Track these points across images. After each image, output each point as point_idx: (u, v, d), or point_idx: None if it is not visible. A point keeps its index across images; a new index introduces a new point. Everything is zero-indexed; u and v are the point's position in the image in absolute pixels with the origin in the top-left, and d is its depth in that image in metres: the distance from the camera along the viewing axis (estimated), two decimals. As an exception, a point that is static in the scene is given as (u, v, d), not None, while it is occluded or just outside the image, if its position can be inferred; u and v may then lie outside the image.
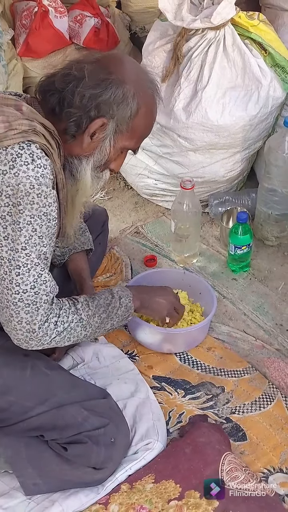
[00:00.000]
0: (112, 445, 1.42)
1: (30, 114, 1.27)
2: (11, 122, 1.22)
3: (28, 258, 1.25)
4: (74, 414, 1.40)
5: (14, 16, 2.71)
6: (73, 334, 1.37)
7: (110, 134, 1.34)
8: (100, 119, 1.31)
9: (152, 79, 1.41)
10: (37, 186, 1.21)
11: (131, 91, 1.31)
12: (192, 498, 1.36)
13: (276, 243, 2.20)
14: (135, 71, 1.37)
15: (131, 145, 1.41)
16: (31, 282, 1.26)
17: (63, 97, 1.29)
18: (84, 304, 1.41)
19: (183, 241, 2.10)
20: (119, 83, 1.30)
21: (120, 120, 1.33)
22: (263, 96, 2.04)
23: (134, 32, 2.89)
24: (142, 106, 1.34)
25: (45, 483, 1.42)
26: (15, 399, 1.37)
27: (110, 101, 1.30)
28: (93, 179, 1.39)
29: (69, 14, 2.63)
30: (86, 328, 1.40)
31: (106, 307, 1.46)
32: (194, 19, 1.97)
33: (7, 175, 1.20)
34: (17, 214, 1.21)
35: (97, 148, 1.35)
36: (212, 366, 1.76)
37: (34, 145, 1.22)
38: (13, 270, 1.24)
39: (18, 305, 1.27)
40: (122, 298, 1.52)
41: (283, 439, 1.55)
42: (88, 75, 1.28)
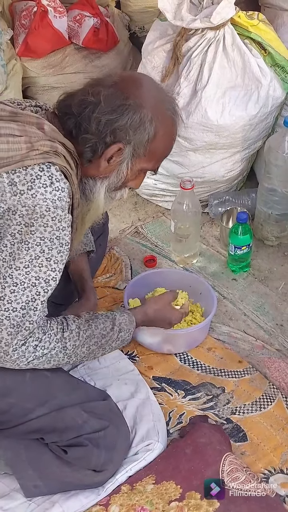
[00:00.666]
0: (112, 447, 1.41)
1: (52, 133, 1.26)
2: (33, 143, 1.21)
3: (27, 277, 1.23)
4: (74, 416, 1.39)
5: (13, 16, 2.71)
6: (53, 359, 1.33)
7: (127, 158, 1.33)
8: (116, 144, 1.30)
9: (171, 100, 1.39)
10: (53, 209, 1.21)
11: (148, 115, 1.30)
12: (193, 499, 1.36)
13: (276, 243, 2.20)
14: (153, 93, 1.35)
15: (149, 166, 1.40)
16: (23, 302, 1.24)
17: (80, 122, 1.29)
18: (74, 333, 1.35)
19: (183, 241, 2.09)
20: (136, 108, 1.29)
21: (138, 144, 1.32)
22: (263, 96, 2.04)
23: (134, 32, 2.89)
24: (160, 129, 1.33)
25: (46, 485, 1.42)
26: (15, 401, 1.37)
27: (126, 126, 1.29)
28: (106, 199, 1.39)
29: (68, 14, 2.62)
30: (71, 357, 1.36)
31: (100, 339, 1.41)
32: (193, 19, 1.97)
33: (24, 195, 1.19)
34: (27, 234, 1.21)
35: (114, 171, 1.35)
36: (213, 366, 1.75)
37: (54, 167, 1.22)
38: (7, 287, 1.23)
39: (3, 323, 1.24)
40: (122, 332, 1.47)
41: (284, 439, 1.55)
42: (104, 100, 1.28)
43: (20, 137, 1.22)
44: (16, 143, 1.21)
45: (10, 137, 1.22)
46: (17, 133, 1.23)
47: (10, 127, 1.24)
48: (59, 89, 2.60)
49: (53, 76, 2.61)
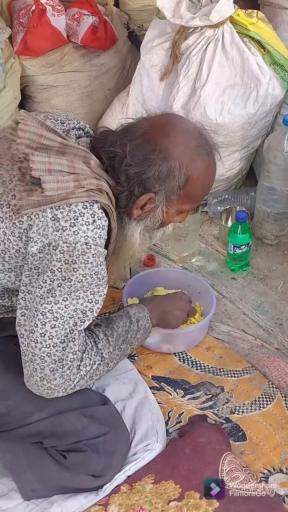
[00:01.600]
0: (112, 453, 1.41)
1: (98, 170, 1.28)
2: (80, 181, 1.22)
3: (66, 311, 1.25)
4: (73, 421, 1.39)
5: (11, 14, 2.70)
6: (95, 373, 1.37)
7: (160, 204, 1.35)
8: (146, 195, 1.31)
9: (203, 141, 1.36)
10: (93, 247, 1.22)
11: (176, 164, 1.30)
12: (192, 499, 1.35)
13: (275, 241, 2.19)
14: (183, 139, 1.33)
15: (187, 207, 1.41)
16: (62, 336, 1.26)
17: (111, 171, 1.30)
18: (104, 341, 1.39)
19: (182, 240, 2.09)
20: (162, 160, 1.29)
21: (169, 192, 1.33)
22: (262, 94, 2.03)
23: (132, 30, 2.88)
24: (193, 173, 1.33)
25: (44, 489, 1.42)
26: (14, 404, 1.37)
27: (154, 178, 1.30)
28: (142, 239, 1.40)
29: (67, 13, 2.61)
30: (109, 364, 1.40)
31: (125, 335, 1.45)
32: (192, 17, 1.96)
33: (66, 232, 1.20)
34: (70, 271, 1.22)
35: (149, 216, 1.36)
36: (212, 365, 1.75)
37: (96, 205, 1.23)
38: (48, 322, 1.24)
39: (45, 360, 1.26)
40: (140, 320, 1.51)
41: (283, 438, 1.55)
42: (129, 154, 1.28)
43: (69, 175, 1.23)
44: (65, 182, 1.22)
45: (60, 176, 1.22)
46: (66, 170, 1.23)
47: (60, 163, 1.24)
48: (58, 88, 2.59)
49: (51, 75, 2.60)
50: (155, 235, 1.45)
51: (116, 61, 2.69)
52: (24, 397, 1.37)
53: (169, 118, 1.43)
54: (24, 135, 1.27)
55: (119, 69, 2.70)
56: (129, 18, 2.86)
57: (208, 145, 1.37)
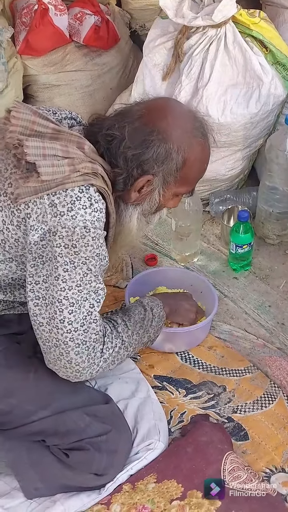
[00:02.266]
0: (114, 452, 1.42)
1: (92, 154, 1.28)
2: (75, 165, 1.23)
3: (80, 295, 1.26)
4: (76, 419, 1.39)
5: (14, 13, 2.70)
6: (117, 357, 1.39)
7: (158, 187, 1.35)
8: (144, 177, 1.32)
9: (199, 124, 1.38)
10: (92, 230, 1.23)
11: (174, 146, 1.31)
12: (194, 498, 1.36)
13: (277, 241, 2.19)
14: (179, 122, 1.34)
15: (183, 190, 1.42)
16: (81, 320, 1.28)
17: (109, 154, 1.31)
18: (123, 325, 1.42)
19: (184, 239, 2.09)
20: (160, 142, 1.30)
21: (167, 174, 1.33)
22: (264, 94, 2.03)
23: (135, 30, 2.88)
24: (190, 156, 1.34)
25: (46, 487, 1.42)
26: (17, 402, 1.37)
27: (152, 159, 1.30)
28: (140, 224, 1.41)
29: (69, 12, 2.61)
30: (128, 348, 1.42)
31: (142, 322, 1.48)
32: (195, 17, 1.96)
33: (64, 217, 1.21)
34: (71, 255, 1.23)
35: (146, 199, 1.37)
36: (214, 365, 1.75)
37: (92, 188, 1.24)
38: (65, 309, 1.26)
39: (69, 345, 1.28)
40: (154, 308, 1.54)
41: (285, 438, 1.55)
42: (128, 136, 1.29)
43: (63, 159, 1.23)
44: (60, 166, 1.22)
45: (54, 160, 1.23)
46: (60, 154, 1.24)
47: (54, 147, 1.24)
48: (60, 87, 2.59)
49: (53, 74, 2.60)
50: (152, 219, 1.46)
51: (118, 60, 2.69)
52: (27, 396, 1.38)
53: (165, 101, 1.45)
54: (17, 122, 1.27)
55: (121, 69, 2.70)
56: (131, 17, 2.86)
57: (204, 128, 1.39)
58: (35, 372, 1.40)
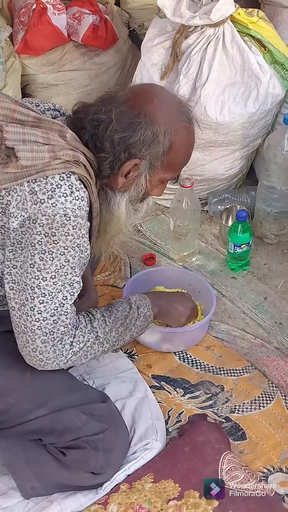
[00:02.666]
0: (111, 450, 1.41)
1: (73, 142, 1.27)
2: (56, 152, 1.22)
3: (55, 287, 1.25)
4: (73, 418, 1.39)
5: (12, 13, 2.70)
6: (90, 352, 1.37)
7: (144, 171, 1.34)
8: (131, 160, 1.31)
9: (185, 109, 1.38)
10: (73, 218, 1.21)
11: (161, 129, 1.30)
12: (191, 498, 1.35)
13: (275, 241, 2.19)
14: (165, 106, 1.34)
15: (169, 176, 1.41)
16: (52, 310, 1.27)
17: (94, 140, 1.30)
18: (100, 321, 1.40)
19: (182, 239, 2.09)
20: (147, 124, 1.29)
21: (153, 158, 1.33)
22: (263, 93, 2.03)
23: (133, 29, 2.88)
24: (175, 140, 1.33)
25: (43, 486, 1.42)
26: (14, 401, 1.36)
27: (139, 142, 1.29)
28: (128, 212, 1.39)
29: (68, 11, 2.61)
30: (103, 344, 1.40)
31: (123, 320, 1.46)
32: (193, 16, 1.96)
33: (44, 204, 1.20)
34: (50, 244, 1.21)
35: (133, 185, 1.36)
36: (211, 365, 1.75)
37: (74, 177, 1.23)
38: (36, 298, 1.25)
39: (36, 333, 1.27)
40: (140, 307, 1.52)
41: (283, 438, 1.55)
42: (115, 119, 1.28)
43: (44, 145, 1.22)
44: (40, 152, 1.21)
45: (34, 145, 1.22)
46: (40, 141, 1.23)
47: (35, 133, 1.23)
48: (58, 87, 2.59)
49: (52, 74, 2.60)
50: (139, 207, 1.44)
51: (117, 60, 2.69)
52: (24, 395, 1.37)
53: (150, 86, 1.47)
54: None
55: (119, 68, 2.70)
56: (130, 17, 2.86)
57: (189, 112, 1.39)
58: (32, 370, 1.39)
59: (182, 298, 1.71)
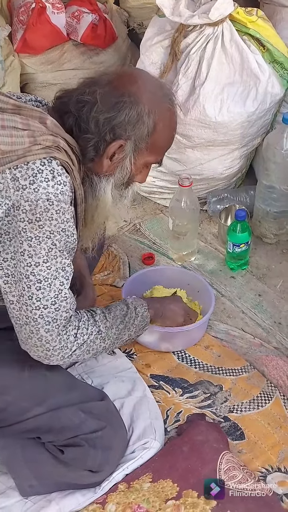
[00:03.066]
0: (109, 448, 1.41)
1: (54, 128, 1.26)
2: (36, 137, 1.21)
3: (49, 272, 1.24)
4: (71, 416, 1.39)
5: (11, 12, 2.70)
6: (92, 346, 1.37)
7: (129, 154, 1.34)
8: (116, 141, 1.31)
9: (168, 92, 1.40)
10: (56, 203, 1.21)
11: (145, 109, 1.30)
12: (189, 498, 1.35)
13: (274, 240, 2.19)
14: (149, 87, 1.35)
15: (153, 159, 1.41)
16: (52, 298, 1.26)
17: (79, 122, 1.29)
18: (101, 316, 1.41)
19: (181, 238, 2.09)
20: (132, 104, 1.29)
21: (138, 139, 1.33)
22: (261, 93, 2.03)
23: (132, 28, 2.88)
24: (159, 121, 1.33)
25: (41, 485, 1.42)
26: (12, 399, 1.36)
27: (124, 123, 1.29)
28: (114, 197, 1.39)
29: (67, 10, 2.61)
30: (105, 340, 1.40)
31: (123, 318, 1.46)
32: (192, 15, 1.96)
33: (26, 190, 1.19)
34: (35, 229, 1.21)
35: (118, 168, 1.35)
36: (210, 364, 1.75)
37: (55, 162, 1.22)
38: (33, 285, 1.24)
39: (38, 322, 1.26)
40: (138, 308, 1.53)
41: (281, 437, 1.55)
42: (100, 100, 1.28)
43: (23, 130, 1.22)
44: (19, 137, 1.21)
45: (13, 130, 1.22)
46: (20, 126, 1.22)
47: (14, 119, 1.23)
48: (57, 86, 2.59)
49: (51, 73, 2.60)
50: (125, 193, 1.44)
51: (116, 59, 2.69)
52: (22, 393, 1.37)
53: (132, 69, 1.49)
54: None
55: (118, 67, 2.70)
56: (129, 16, 2.86)
57: (171, 95, 1.40)
58: (30, 369, 1.40)
59: (173, 300, 1.74)
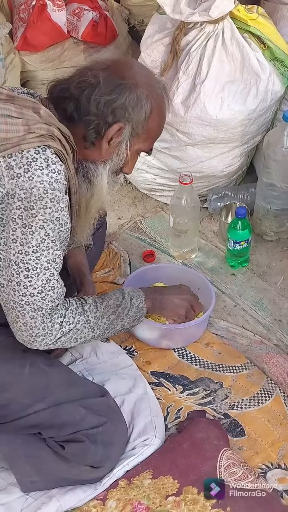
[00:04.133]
0: (110, 444, 1.42)
1: (48, 118, 1.27)
2: (30, 126, 1.22)
3: (38, 262, 1.25)
4: (72, 412, 1.40)
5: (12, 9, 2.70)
6: (80, 335, 1.38)
7: (126, 138, 1.36)
8: (117, 124, 1.33)
9: (160, 80, 1.45)
10: (50, 191, 1.21)
11: (144, 93, 1.34)
12: (190, 494, 1.36)
13: (275, 238, 2.19)
14: (144, 73, 1.40)
15: (145, 146, 1.43)
16: (39, 287, 1.27)
17: (80, 105, 1.31)
18: (92, 306, 1.41)
19: (182, 236, 2.09)
20: (132, 87, 1.32)
21: (136, 122, 1.35)
22: (262, 90, 2.03)
23: (133, 26, 2.88)
24: (155, 107, 1.37)
25: (42, 481, 1.42)
26: (13, 396, 1.37)
27: (125, 105, 1.32)
28: (109, 184, 1.40)
29: (67, 8, 2.61)
30: (94, 329, 1.41)
31: (115, 308, 1.47)
32: (192, 13, 1.96)
33: (21, 178, 1.20)
34: (29, 217, 1.22)
35: (114, 153, 1.37)
36: (211, 361, 1.75)
37: (49, 150, 1.23)
38: (21, 272, 1.25)
39: (24, 308, 1.28)
40: (133, 298, 1.53)
41: (281, 434, 1.55)
42: (103, 81, 1.30)
43: (17, 119, 1.23)
44: (14, 125, 1.22)
45: (8, 118, 1.22)
46: (14, 115, 1.23)
47: (8, 108, 1.24)
48: (58, 83, 2.59)
49: (51, 70, 2.60)
50: (118, 178, 1.46)
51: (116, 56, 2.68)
52: (23, 389, 1.38)
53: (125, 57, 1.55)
54: None
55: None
56: (130, 13, 2.86)
57: (164, 83, 1.45)
58: (31, 365, 1.40)
59: (179, 290, 1.72)
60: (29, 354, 1.43)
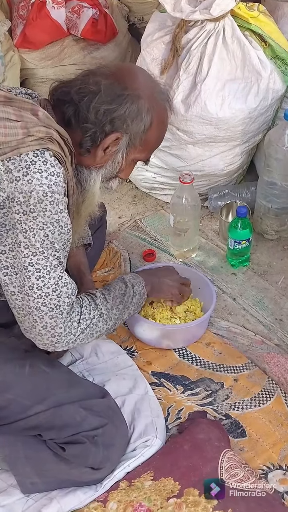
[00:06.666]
0: (111, 445, 1.41)
1: (46, 120, 1.26)
2: (29, 129, 1.21)
3: (47, 261, 1.25)
4: (72, 413, 1.39)
5: (11, 6, 2.68)
6: (95, 329, 1.39)
7: (123, 148, 1.35)
8: (114, 134, 1.32)
9: (164, 90, 1.43)
10: (50, 194, 1.21)
11: (145, 106, 1.32)
12: (191, 496, 1.35)
13: (275, 237, 2.18)
14: (149, 84, 1.38)
15: (142, 157, 1.43)
16: (53, 285, 1.27)
17: (79, 111, 1.30)
18: (102, 299, 1.43)
19: (182, 235, 2.08)
20: (133, 99, 1.31)
21: (134, 134, 1.34)
22: (263, 89, 2.02)
23: (133, 23, 2.86)
24: (155, 119, 1.36)
25: (43, 482, 1.42)
26: (13, 397, 1.36)
27: (124, 116, 1.31)
28: (101, 190, 1.40)
29: (67, 5, 2.59)
30: (107, 321, 1.43)
31: (122, 298, 1.49)
32: (193, 11, 1.95)
33: (20, 182, 1.19)
34: (30, 221, 1.21)
35: (109, 161, 1.36)
36: (211, 361, 1.75)
37: (48, 153, 1.22)
38: (32, 275, 1.25)
39: (42, 310, 1.28)
40: (135, 285, 1.55)
41: (283, 435, 1.55)
42: (104, 90, 1.29)
43: (16, 122, 1.22)
44: (13, 128, 1.21)
45: (7, 122, 1.21)
46: (13, 118, 1.22)
47: (6, 111, 1.23)
48: (57, 81, 2.58)
49: (51, 68, 2.59)
50: (111, 185, 1.45)
51: (116, 54, 2.67)
52: (23, 390, 1.38)
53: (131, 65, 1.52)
54: None
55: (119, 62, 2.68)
56: (130, 10, 2.84)
57: (167, 94, 1.43)
58: (31, 366, 1.40)
59: (168, 272, 1.74)
60: (30, 355, 1.42)
